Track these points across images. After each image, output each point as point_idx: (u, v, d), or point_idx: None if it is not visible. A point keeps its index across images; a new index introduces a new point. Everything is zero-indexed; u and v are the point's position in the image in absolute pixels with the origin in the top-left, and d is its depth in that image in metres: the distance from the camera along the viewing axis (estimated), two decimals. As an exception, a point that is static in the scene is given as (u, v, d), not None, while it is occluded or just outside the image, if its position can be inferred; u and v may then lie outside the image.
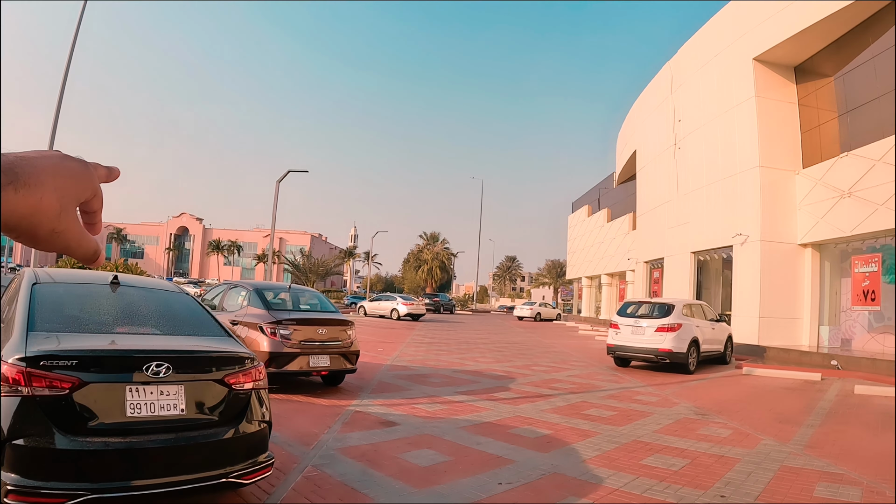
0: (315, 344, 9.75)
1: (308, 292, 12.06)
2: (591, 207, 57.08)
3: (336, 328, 10.12)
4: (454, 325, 36.33)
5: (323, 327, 9.90)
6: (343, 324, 10.27)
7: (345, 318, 10.48)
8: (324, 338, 9.86)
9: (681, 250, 28.58)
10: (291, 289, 11.43)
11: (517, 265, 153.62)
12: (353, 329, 10.44)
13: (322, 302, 11.46)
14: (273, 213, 26.65)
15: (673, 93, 30.91)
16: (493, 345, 22.81)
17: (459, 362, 15.89)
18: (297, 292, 11.58)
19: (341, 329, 10.19)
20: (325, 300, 11.48)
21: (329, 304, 11.35)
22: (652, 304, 16.86)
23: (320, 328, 9.86)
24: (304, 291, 12.01)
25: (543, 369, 15.40)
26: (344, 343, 10.13)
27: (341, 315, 10.71)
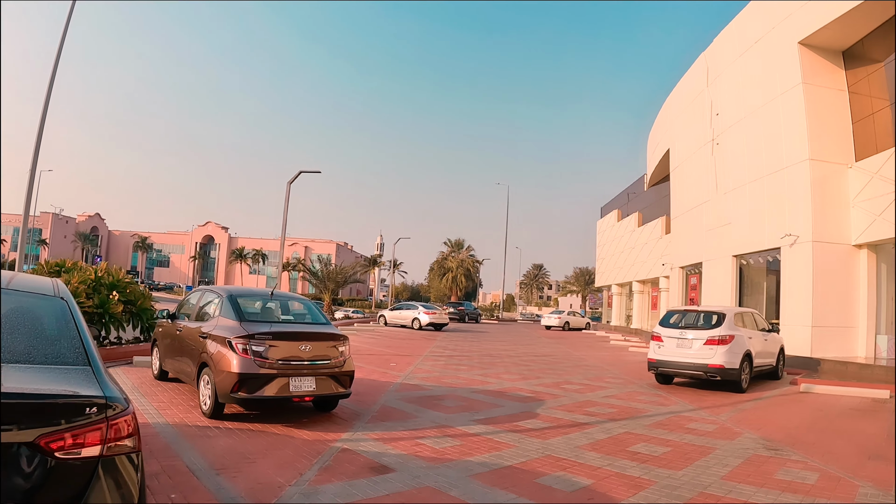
0: (297, 363, 8.01)
1: (295, 300, 10.33)
2: (621, 212, 54.98)
3: (324, 344, 8.37)
4: (478, 336, 34.44)
5: (307, 343, 8.15)
6: (333, 339, 8.51)
7: (336, 331, 8.71)
8: (308, 355, 8.11)
9: (721, 254, 26.48)
10: (274, 296, 9.71)
11: (544, 273, 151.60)
12: (346, 345, 8.67)
13: (311, 312, 9.68)
14: (284, 216, 25.31)
15: (709, 85, 28.90)
16: (518, 358, 20.91)
17: (480, 379, 14.04)
18: (280, 300, 9.86)
19: (331, 345, 8.43)
20: (315, 310, 9.70)
21: (319, 315, 9.58)
22: (699, 313, 14.88)
23: (304, 344, 8.11)
24: (290, 299, 10.29)
25: (576, 388, 13.48)
26: (334, 362, 8.37)
27: (333, 328, 8.94)
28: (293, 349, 8.00)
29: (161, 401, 9.07)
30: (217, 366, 7.90)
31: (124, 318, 13.98)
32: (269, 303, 9.59)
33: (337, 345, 8.48)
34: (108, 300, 13.36)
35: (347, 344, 8.71)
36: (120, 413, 2.87)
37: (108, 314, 13.30)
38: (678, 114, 34.34)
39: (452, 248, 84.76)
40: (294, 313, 9.74)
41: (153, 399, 9.19)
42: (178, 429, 7.43)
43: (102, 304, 13.24)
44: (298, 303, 10.21)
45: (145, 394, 9.57)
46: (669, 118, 36.66)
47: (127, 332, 14.80)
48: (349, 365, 8.64)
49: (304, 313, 9.74)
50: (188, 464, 5.95)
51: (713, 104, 28.17)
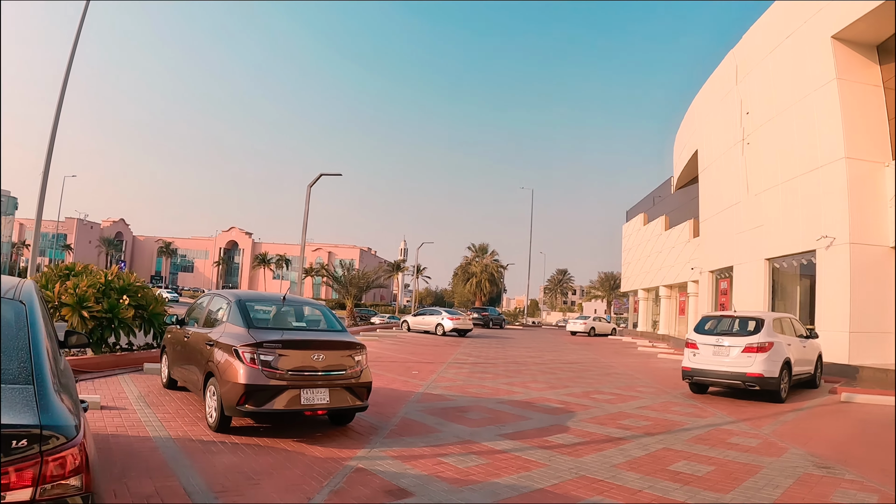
0: (309, 374, 7.48)
1: (308, 305, 9.84)
2: (647, 216, 54.09)
3: (339, 353, 7.85)
4: (503, 342, 33.80)
5: (321, 352, 7.62)
6: (349, 347, 7.98)
7: (352, 339, 8.19)
8: (322, 365, 7.57)
9: (753, 257, 25.63)
10: (286, 301, 9.16)
11: (568, 278, 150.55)
12: (362, 354, 8.13)
13: (326, 318, 9.13)
14: (304, 219, 24.96)
15: (738, 83, 28.08)
16: (545, 365, 20.26)
17: (507, 389, 13.44)
18: (293, 305, 9.36)
19: (346, 354, 7.90)
20: (331, 316, 9.17)
21: (335, 321, 9.05)
22: (735, 319, 14.16)
23: (317, 353, 7.58)
24: (304, 304, 9.81)
25: (607, 398, 12.83)
26: (350, 372, 7.83)
27: (349, 336, 8.41)
28: (305, 358, 7.48)
29: (167, 412, 8.61)
30: (223, 376, 7.42)
31: (135, 324, 13.56)
32: (280, 309, 9.07)
33: (353, 354, 7.95)
34: (117, 304, 12.96)
35: (364, 353, 8.17)
36: (61, 446, 2.32)
37: (118, 319, 12.89)
38: (706, 114, 33.51)
39: (476, 253, 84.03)
40: (308, 320, 9.25)
41: (158, 409, 8.73)
42: (180, 443, 6.93)
43: (112, 308, 12.83)
44: (312, 308, 9.69)
45: (151, 403, 9.12)
46: (697, 119, 35.82)
47: (139, 338, 14.41)
48: (366, 376, 8.08)
49: (317, 319, 9.24)
50: (185, 485, 5.43)
51: (743, 103, 27.36)
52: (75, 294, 12.39)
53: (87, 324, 12.45)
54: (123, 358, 12.98)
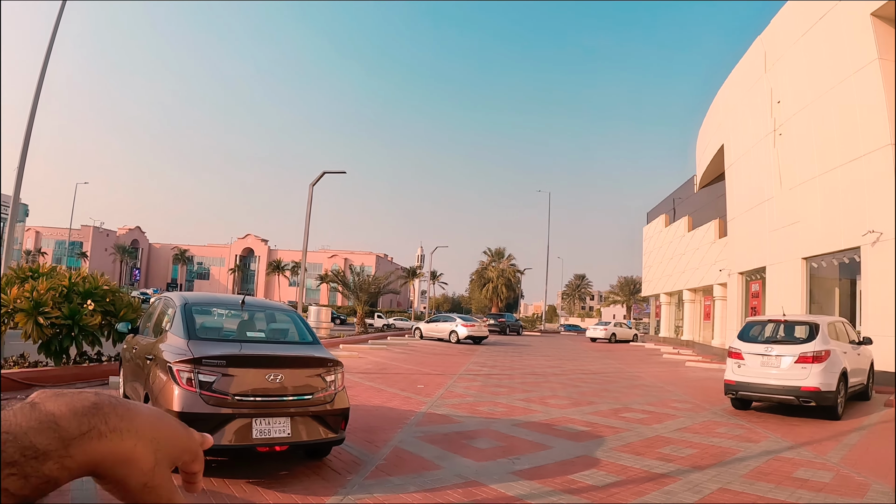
0: (263, 399, 5.88)
1: (274, 310, 8.12)
2: (669, 217, 52.15)
3: (304, 372, 6.23)
4: (520, 349, 32.07)
5: (280, 370, 5.99)
6: (319, 364, 6.35)
7: (324, 355, 6.54)
8: (281, 388, 5.96)
9: (788, 256, 23.76)
10: (246, 305, 7.47)
11: (586, 283, 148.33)
12: (337, 373, 6.48)
13: (296, 326, 7.52)
14: (306, 219, 23.84)
15: (768, 71, 26.27)
16: (566, 376, 18.54)
17: (523, 407, 11.71)
18: (254, 311, 7.74)
19: (314, 373, 6.27)
20: (301, 324, 7.57)
21: (305, 331, 7.41)
22: (783, 324, 12.39)
23: (274, 372, 5.95)
24: (267, 309, 8.13)
25: (639, 417, 11.08)
26: (319, 396, 6.19)
27: (320, 350, 6.79)
28: (258, 379, 5.87)
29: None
30: (157, 400, 5.90)
31: (101, 332, 12.00)
32: (239, 315, 7.45)
33: (323, 373, 6.30)
34: (80, 310, 11.43)
35: (340, 372, 6.52)
36: None
37: (79, 326, 11.35)
38: (733, 106, 31.66)
39: (492, 258, 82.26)
40: (272, 329, 7.56)
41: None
42: (97, 494, 5.35)
43: (73, 314, 11.30)
44: (278, 315, 7.97)
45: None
46: (722, 112, 33.96)
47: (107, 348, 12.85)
48: (341, 401, 6.43)
49: (284, 329, 7.56)
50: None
51: (773, 91, 25.55)
52: (32, 298, 10.89)
53: (44, 331, 10.99)
54: (87, 370, 11.52)
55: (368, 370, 16.64)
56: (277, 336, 7.27)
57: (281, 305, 8.33)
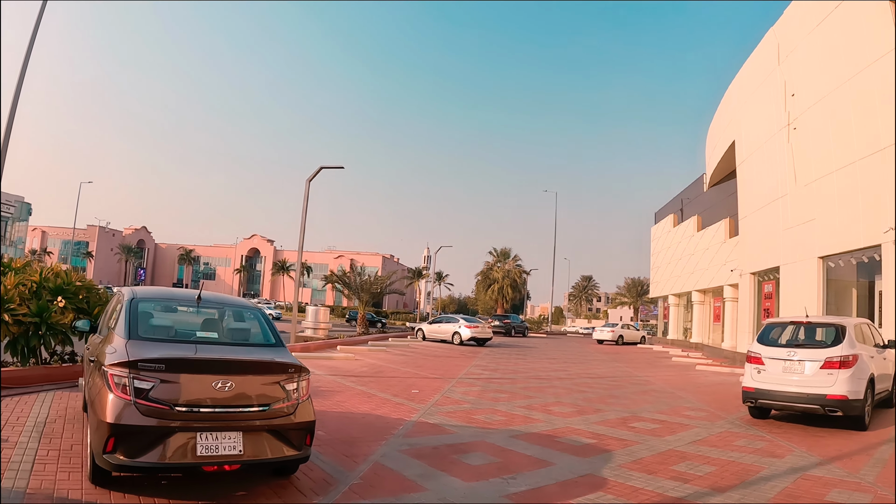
0: (210, 410, 4.99)
1: (234, 308, 7.14)
2: (677, 217, 51.16)
3: (260, 379, 5.33)
4: (525, 351, 31.17)
5: (230, 377, 5.09)
6: (278, 371, 5.45)
7: (285, 359, 5.62)
8: (231, 397, 5.07)
9: (803, 256, 22.78)
10: (203, 300, 6.56)
11: (593, 285, 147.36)
12: (300, 381, 5.56)
13: (259, 325, 6.57)
14: (303, 214, 23.01)
15: (781, 63, 25.32)
16: (571, 381, 17.64)
17: (523, 415, 10.80)
18: (211, 308, 6.86)
19: (272, 380, 5.36)
20: (264, 323, 6.58)
21: (268, 332, 6.46)
22: (804, 326, 11.47)
23: (223, 379, 5.05)
24: (227, 306, 7.12)
25: (650, 427, 10.17)
26: (277, 408, 5.29)
27: (282, 354, 5.89)
28: (204, 387, 4.98)
29: (55, 448, 6.28)
30: (93, 408, 5.09)
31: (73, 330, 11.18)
32: (194, 312, 6.59)
33: (283, 381, 5.41)
34: (49, 307, 10.63)
35: (304, 379, 5.61)
36: None
37: (47, 324, 10.54)
38: (744, 100, 30.70)
39: (498, 258, 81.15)
40: (230, 329, 6.61)
41: (48, 445, 6.41)
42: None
43: (41, 311, 10.50)
44: (240, 313, 7.03)
45: (46, 435, 6.80)
46: (733, 107, 32.99)
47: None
48: (305, 412, 5.51)
49: (243, 329, 6.60)
50: None
51: (787, 84, 24.61)
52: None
53: (10, 329, 10.21)
54: (57, 371, 10.70)
55: (362, 373, 15.78)
56: (235, 337, 6.34)
57: (243, 302, 7.40)
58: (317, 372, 15.17)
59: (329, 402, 10.58)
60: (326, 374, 15.01)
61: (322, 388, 12.47)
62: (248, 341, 6.18)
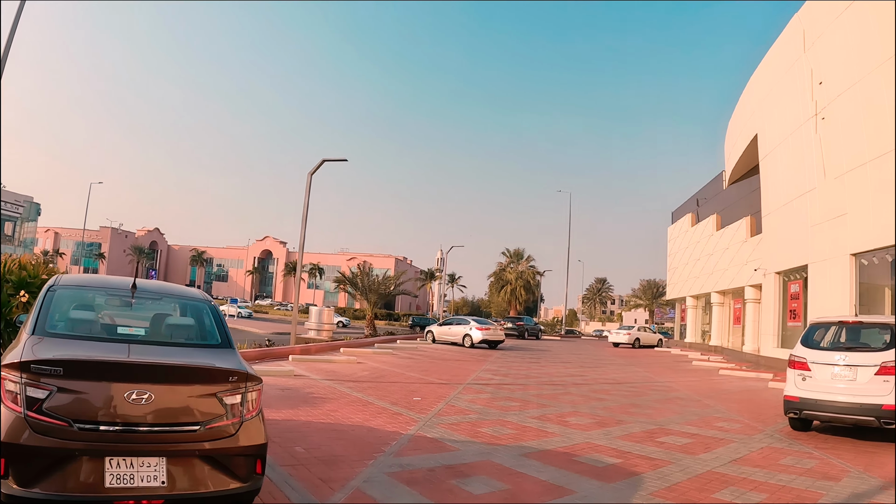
0: (123, 428, 3.73)
1: (177, 299, 5.78)
2: (695, 216, 49.77)
3: (190, 390, 4.05)
4: (538, 355, 29.91)
5: (147, 386, 3.84)
6: (215, 380, 4.18)
7: (228, 366, 4.35)
8: (148, 413, 3.82)
9: (834, 253, 21.42)
10: (139, 289, 5.27)
11: (607, 287, 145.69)
12: (247, 394, 4.26)
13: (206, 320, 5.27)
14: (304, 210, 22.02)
15: (807, 50, 24.02)
16: (588, 387, 16.40)
17: (536, 427, 9.55)
18: (150, 297, 5.57)
19: (205, 393, 4.08)
20: (212, 318, 5.26)
21: (215, 330, 5.15)
22: (852, 327, 10.20)
23: (138, 388, 3.80)
24: (168, 296, 5.78)
25: (681, 443, 8.90)
26: (213, 428, 4.02)
27: (227, 357, 4.59)
28: (114, 398, 3.75)
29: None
30: None
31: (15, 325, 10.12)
32: (127, 303, 5.33)
33: (223, 393, 4.13)
34: (9, 302, 9.59)
35: (255, 391, 4.34)
36: None
37: (5, 320, 9.49)
38: (767, 91, 29.35)
39: (511, 259, 79.73)
40: (168, 324, 5.24)
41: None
42: None
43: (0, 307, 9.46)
44: (183, 305, 5.69)
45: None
46: (755, 99, 31.65)
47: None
48: (253, 433, 4.22)
49: (184, 325, 5.29)
50: None
51: (814, 72, 23.30)
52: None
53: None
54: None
55: (362, 378, 14.61)
56: (171, 335, 5.05)
57: (190, 293, 5.97)
58: (312, 376, 14.04)
59: (317, 412, 9.42)
60: (322, 378, 13.85)
61: (314, 394, 11.33)
62: (187, 340, 4.93)
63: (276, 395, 10.91)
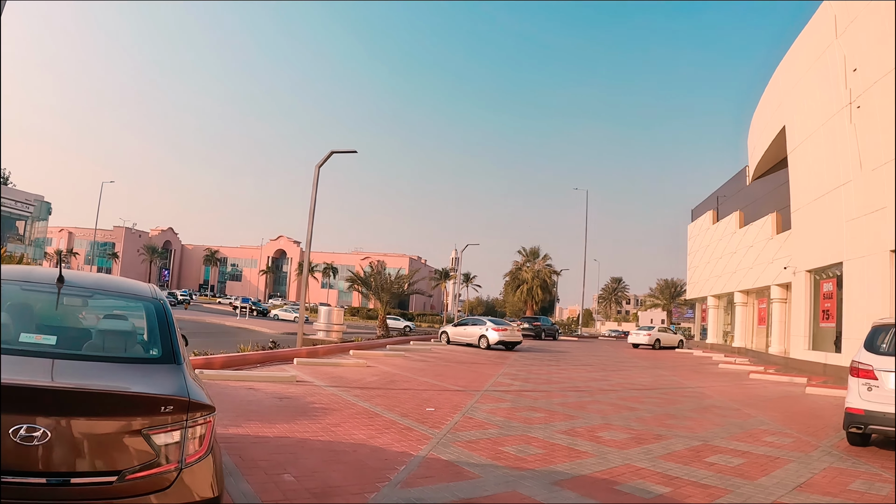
0: (9, 481, 2.60)
1: (112, 297, 4.51)
2: (716, 213, 48.33)
3: (104, 424, 2.87)
4: (557, 357, 28.71)
5: (42, 420, 2.70)
6: (139, 410, 2.97)
7: (158, 391, 3.17)
8: (45, 458, 2.69)
9: (873, 249, 20.10)
10: (67, 283, 4.05)
11: (623, 287, 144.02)
12: (187, 429, 3.08)
13: (147, 324, 4.07)
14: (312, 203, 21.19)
15: (839, 36, 22.74)
16: (615, 393, 15.22)
17: (566, 445, 8.33)
18: (79, 294, 4.34)
19: (124, 429, 2.90)
20: (155, 323, 4.00)
21: (157, 338, 3.86)
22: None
23: (27, 423, 2.66)
24: (101, 293, 4.49)
25: (733, 463, 7.68)
26: (135, 479, 2.85)
27: (163, 380, 3.39)
28: None
29: None
30: None
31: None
32: (51, 301, 4.01)
33: (154, 429, 2.97)
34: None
35: (202, 424, 3.19)
36: None
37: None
38: (796, 81, 28.02)
39: (527, 257, 78.27)
40: (98, 330, 4.02)
41: None
42: None
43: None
44: (120, 304, 4.48)
45: None
46: (783, 90, 30.30)
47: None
48: (198, 483, 3.09)
49: (117, 331, 4.00)
50: None
51: (847, 59, 22.02)
52: None
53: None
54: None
55: (370, 384, 13.51)
56: (95, 345, 3.84)
57: (134, 287, 4.60)
58: (316, 382, 12.97)
59: (316, 427, 8.32)
60: (327, 385, 12.77)
61: (315, 404, 10.24)
62: (115, 354, 3.76)
63: (272, 405, 9.84)
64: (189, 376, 3.48)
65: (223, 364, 14.12)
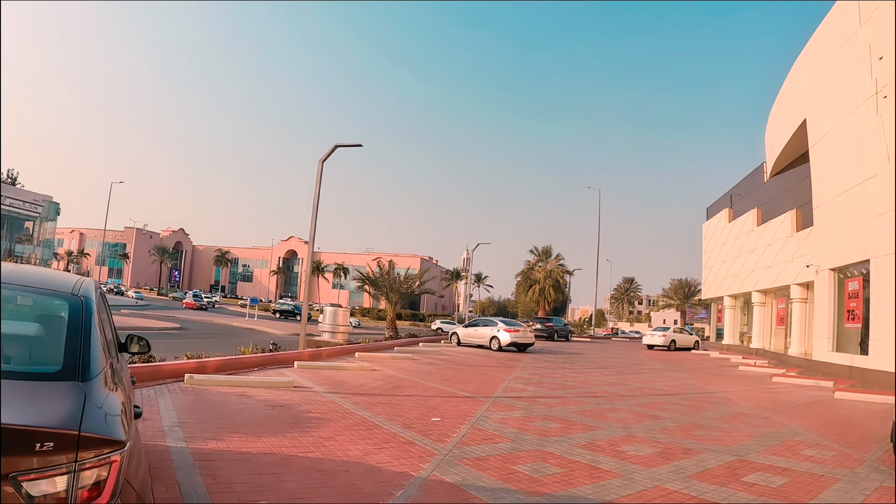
0: None
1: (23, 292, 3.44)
2: (733, 211, 47.25)
3: None
4: (571, 359, 27.80)
5: None
6: (10, 448, 2.12)
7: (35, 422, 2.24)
8: None
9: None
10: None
11: (635, 287, 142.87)
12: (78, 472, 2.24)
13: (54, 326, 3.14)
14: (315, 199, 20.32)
15: (863, 24, 21.77)
16: (634, 399, 14.30)
17: (587, 463, 7.43)
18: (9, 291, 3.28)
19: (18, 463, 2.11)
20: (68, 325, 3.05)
21: (60, 347, 2.90)
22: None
23: None
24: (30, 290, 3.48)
25: (775, 484, 6.77)
26: None
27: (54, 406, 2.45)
28: None
29: None
30: None
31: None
32: None
33: (27, 475, 2.14)
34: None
35: (101, 464, 2.31)
36: None
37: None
38: (817, 72, 27.01)
39: (539, 257, 77.19)
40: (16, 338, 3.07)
41: None
42: None
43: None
44: (31, 301, 3.53)
45: None
46: (803, 82, 29.26)
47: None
48: None
49: (22, 335, 3.13)
50: None
51: (872, 46, 21.05)
52: None
53: None
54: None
55: (373, 390, 12.69)
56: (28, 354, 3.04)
57: (49, 278, 3.75)
58: (315, 388, 12.16)
59: (307, 441, 7.49)
60: (326, 391, 11.95)
61: (309, 413, 9.42)
62: (19, 363, 2.87)
63: (262, 414, 9.03)
64: (96, 398, 2.62)
65: (217, 368, 13.34)
